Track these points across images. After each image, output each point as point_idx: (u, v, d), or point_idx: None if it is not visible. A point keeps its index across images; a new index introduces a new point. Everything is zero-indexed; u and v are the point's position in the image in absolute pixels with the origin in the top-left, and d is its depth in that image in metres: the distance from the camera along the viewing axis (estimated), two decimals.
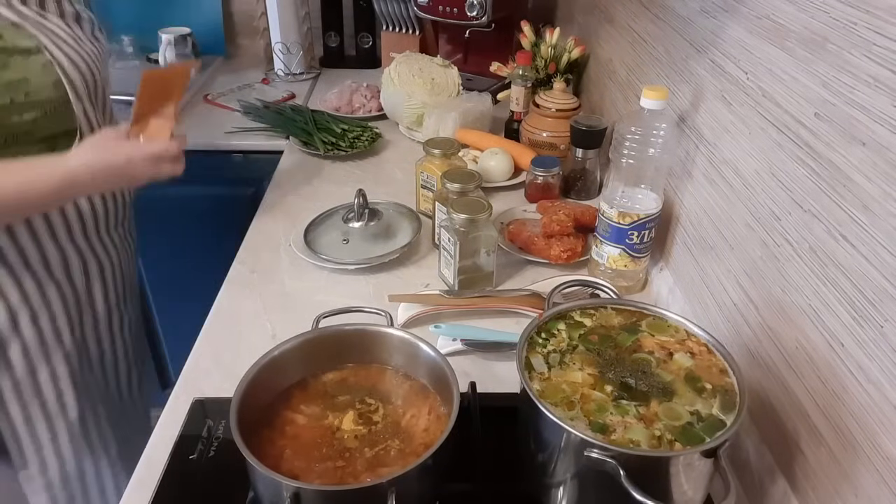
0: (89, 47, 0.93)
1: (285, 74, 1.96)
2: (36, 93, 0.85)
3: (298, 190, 1.32)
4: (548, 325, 0.69)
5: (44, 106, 0.87)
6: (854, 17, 0.58)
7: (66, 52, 0.88)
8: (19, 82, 0.83)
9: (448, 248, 0.99)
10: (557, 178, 1.25)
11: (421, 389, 0.72)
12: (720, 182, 0.85)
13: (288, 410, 0.69)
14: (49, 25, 0.88)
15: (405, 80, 1.53)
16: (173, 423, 0.77)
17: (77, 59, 0.89)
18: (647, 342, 0.67)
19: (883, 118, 0.54)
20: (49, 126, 0.88)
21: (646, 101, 0.90)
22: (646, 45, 1.18)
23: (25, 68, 0.84)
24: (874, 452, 0.54)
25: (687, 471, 0.57)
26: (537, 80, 1.54)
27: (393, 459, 0.64)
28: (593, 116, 1.29)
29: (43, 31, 0.87)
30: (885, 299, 0.54)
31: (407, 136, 1.53)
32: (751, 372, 0.74)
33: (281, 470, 0.60)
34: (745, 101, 0.79)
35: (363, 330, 0.74)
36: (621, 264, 0.99)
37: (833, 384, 0.60)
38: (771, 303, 0.72)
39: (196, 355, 0.89)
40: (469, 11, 1.61)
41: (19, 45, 0.84)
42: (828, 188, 0.62)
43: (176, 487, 0.69)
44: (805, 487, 0.63)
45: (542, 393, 0.61)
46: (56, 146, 0.89)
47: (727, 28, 0.84)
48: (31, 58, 0.85)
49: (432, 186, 1.16)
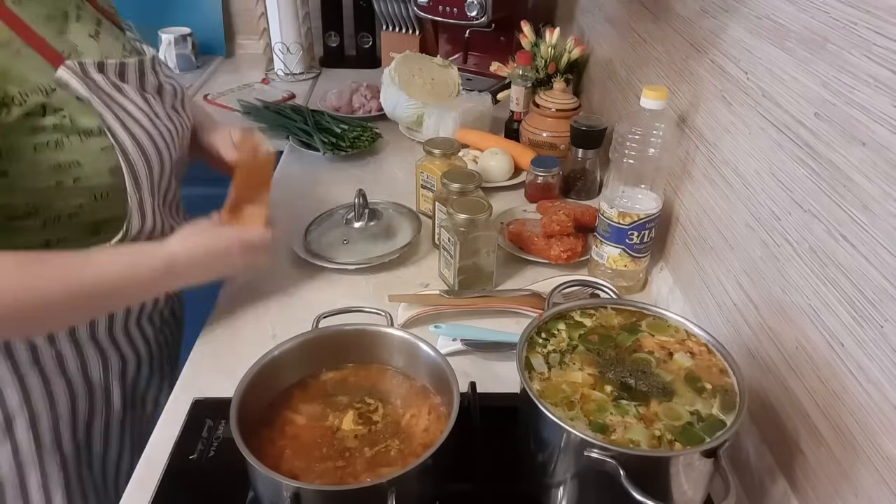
0: (165, 125, 0.83)
1: (285, 74, 1.96)
2: (87, 178, 0.75)
3: (298, 190, 1.32)
4: (548, 325, 0.69)
5: (94, 192, 0.77)
6: (854, 17, 0.58)
7: (135, 133, 0.78)
8: (70, 165, 0.74)
9: (448, 248, 0.99)
10: (557, 178, 1.25)
11: (421, 389, 0.72)
12: (720, 182, 0.85)
13: (288, 410, 0.69)
14: (121, 100, 0.78)
15: (405, 80, 1.53)
16: (173, 423, 0.77)
17: (145, 140, 0.79)
18: (647, 342, 0.67)
19: (883, 118, 0.54)
20: (98, 211, 0.79)
21: (646, 101, 0.90)
22: (646, 45, 1.18)
23: (80, 150, 0.74)
24: (874, 452, 0.54)
25: (687, 471, 0.57)
26: (537, 80, 1.54)
27: (393, 459, 0.64)
28: (593, 116, 1.29)
29: (112, 106, 0.76)
30: (885, 299, 0.54)
31: (407, 136, 1.53)
32: (751, 372, 0.74)
33: (281, 470, 0.60)
34: (745, 101, 0.79)
35: (363, 330, 0.74)
36: (621, 264, 0.99)
37: (833, 384, 0.60)
38: (771, 303, 0.72)
39: (196, 355, 0.89)
40: (469, 11, 1.61)
41: (79, 123, 0.74)
42: (828, 188, 0.62)
43: (176, 487, 0.69)
44: (805, 487, 0.63)
45: (542, 393, 0.61)
46: (100, 230, 0.80)
47: (727, 28, 0.84)
48: (91, 139, 0.75)
49: (432, 186, 1.16)
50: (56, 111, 0.72)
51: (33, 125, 0.71)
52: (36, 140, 0.71)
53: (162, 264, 0.79)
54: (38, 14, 0.74)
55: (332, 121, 1.49)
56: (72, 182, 0.75)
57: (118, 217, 0.80)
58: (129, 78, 0.80)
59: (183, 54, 1.96)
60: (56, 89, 0.72)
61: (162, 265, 0.79)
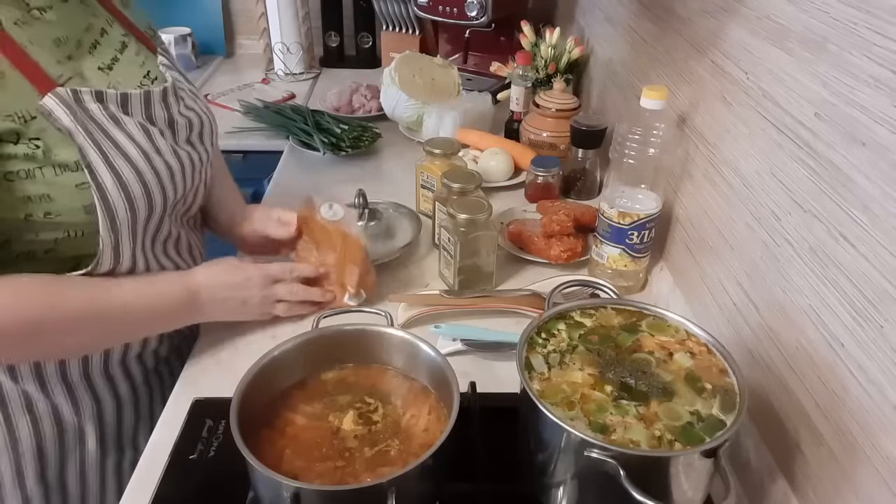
0: (164, 162, 0.77)
1: (285, 74, 1.97)
2: (59, 214, 0.71)
3: (298, 190, 1.31)
4: (548, 325, 0.69)
5: (67, 228, 0.73)
6: (854, 18, 0.58)
7: (120, 171, 0.72)
8: (40, 199, 0.69)
9: (448, 248, 0.99)
10: (557, 178, 1.25)
11: (421, 389, 0.72)
12: (720, 182, 0.85)
13: (288, 410, 0.69)
14: (115, 134, 0.73)
15: (405, 80, 1.53)
16: (173, 423, 0.77)
17: (131, 179, 0.73)
18: (647, 342, 0.67)
19: (883, 118, 0.54)
20: (76, 248, 0.75)
21: (646, 101, 0.90)
22: (646, 45, 1.18)
23: (53, 184, 0.69)
24: (874, 452, 0.54)
25: (687, 471, 0.57)
26: (537, 80, 1.54)
27: (393, 459, 0.64)
28: (593, 116, 1.29)
29: (100, 140, 0.71)
30: (885, 299, 0.54)
31: (407, 136, 1.53)
32: (751, 372, 0.74)
33: (281, 470, 0.60)
34: (745, 101, 0.79)
35: (363, 330, 0.74)
36: (621, 264, 0.99)
37: (833, 384, 0.60)
38: (771, 303, 0.72)
39: (196, 355, 0.89)
40: (469, 11, 1.61)
41: (54, 156, 0.68)
42: (828, 188, 0.62)
43: (176, 487, 0.69)
44: (805, 487, 0.63)
45: (542, 393, 0.61)
46: (81, 266, 0.75)
47: (727, 28, 0.84)
48: (65, 174, 0.69)
49: (432, 186, 1.16)
50: (30, 140, 0.67)
51: (3, 152, 0.67)
52: (6, 168, 0.67)
53: (184, 291, 0.80)
54: (46, 36, 0.71)
55: (332, 121, 1.49)
56: (42, 216, 0.70)
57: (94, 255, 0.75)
58: (133, 109, 0.76)
59: (183, 54, 1.97)
60: (36, 117, 0.67)
61: (184, 292, 0.80)
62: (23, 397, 0.80)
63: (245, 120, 1.62)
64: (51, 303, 0.72)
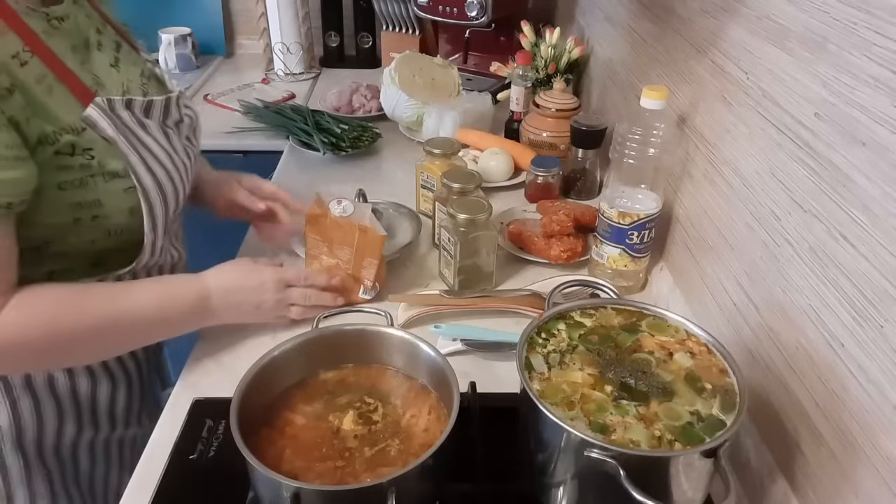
0: (181, 160, 0.83)
1: (285, 74, 1.96)
2: (106, 217, 0.75)
3: (298, 190, 1.31)
4: (548, 325, 0.69)
5: (110, 229, 0.77)
6: (854, 18, 0.58)
7: (156, 173, 0.77)
8: (91, 204, 0.73)
9: (448, 248, 0.99)
10: (557, 178, 1.25)
11: (421, 389, 0.72)
12: (720, 182, 0.85)
13: (288, 410, 0.69)
14: (144, 138, 0.77)
15: (405, 80, 1.53)
16: (173, 423, 0.77)
17: (164, 179, 0.79)
18: (647, 342, 0.67)
19: (883, 118, 0.54)
20: (106, 245, 0.78)
21: (646, 101, 0.90)
22: (646, 45, 1.18)
23: (104, 191, 0.73)
24: (874, 452, 0.54)
25: (687, 471, 0.57)
26: (537, 80, 1.54)
27: (393, 459, 0.64)
28: (593, 116, 1.29)
29: (137, 146, 0.76)
30: (885, 299, 0.54)
31: (407, 136, 1.53)
32: (751, 372, 0.74)
33: (281, 470, 0.60)
34: (745, 101, 0.79)
35: (363, 330, 0.74)
36: (621, 264, 0.99)
37: (833, 384, 0.60)
38: (771, 303, 0.72)
39: (196, 355, 0.89)
40: (469, 11, 1.61)
41: (106, 166, 0.73)
42: (828, 188, 0.62)
43: (176, 487, 0.69)
44: (805, 487, 0.63)
45: (542, 393, 0.61)
46: (101, 261, 0.79)
47: (727, 28, 0.84)
48: (115, 181, 0.74)
49: (432, 186, 1.16)
50: (84, 150, 0.71)
51: (61, 164, 0.70)
52: (61, 178, 0.70)
53: (197, 295, 0.81)
54: (66, 45, 0.73)
55: (332, 121, 1.49)
56: (90, 220, 0.74)
57: (120, 249, 0.79)
58: (154, 115, 0.80)
59: (183, 54, 1.97)
60: (85, 129, 0.71)
61: (197, 296, 0.81)
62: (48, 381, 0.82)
63: (245, 120, 1.62)
64: (76, 313, 0.73)
